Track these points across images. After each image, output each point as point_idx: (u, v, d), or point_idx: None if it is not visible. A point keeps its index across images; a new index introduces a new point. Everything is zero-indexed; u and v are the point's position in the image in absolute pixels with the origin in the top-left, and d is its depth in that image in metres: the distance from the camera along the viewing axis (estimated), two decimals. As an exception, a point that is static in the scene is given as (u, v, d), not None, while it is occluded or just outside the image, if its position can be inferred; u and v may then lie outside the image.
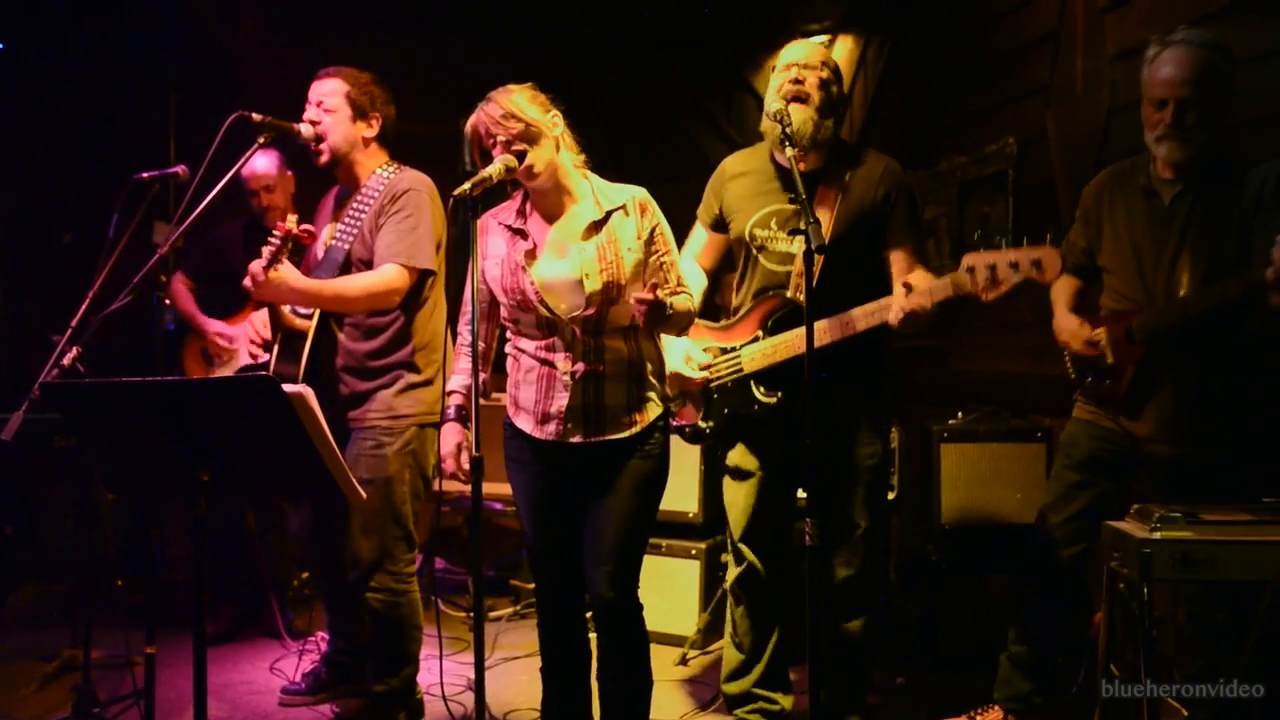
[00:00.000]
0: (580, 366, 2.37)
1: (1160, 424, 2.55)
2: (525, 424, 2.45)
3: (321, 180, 3.12)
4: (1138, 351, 2.53)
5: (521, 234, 2.42)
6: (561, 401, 2.38)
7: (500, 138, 2.31)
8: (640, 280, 2.40)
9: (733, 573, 2.94)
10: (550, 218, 2.45)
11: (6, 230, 5.17)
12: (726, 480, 2.92)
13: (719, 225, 2.89)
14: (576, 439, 2.40)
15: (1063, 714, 2.91)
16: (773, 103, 2.57)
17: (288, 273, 2.63)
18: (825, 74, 2.69)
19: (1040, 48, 3.92)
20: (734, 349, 2.81)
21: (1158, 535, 2.05)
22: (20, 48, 5.12)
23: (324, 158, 2.89)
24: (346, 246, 2.84)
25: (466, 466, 2.44)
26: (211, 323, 3.86)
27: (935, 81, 4.76)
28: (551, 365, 2.40)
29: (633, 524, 2.42)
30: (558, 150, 2.39)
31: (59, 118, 5.21)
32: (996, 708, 2.83)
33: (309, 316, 2.86)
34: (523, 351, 2.46)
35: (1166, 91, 2.45)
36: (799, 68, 2.67)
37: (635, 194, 2.46)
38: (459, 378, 2.55)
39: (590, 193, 2.44)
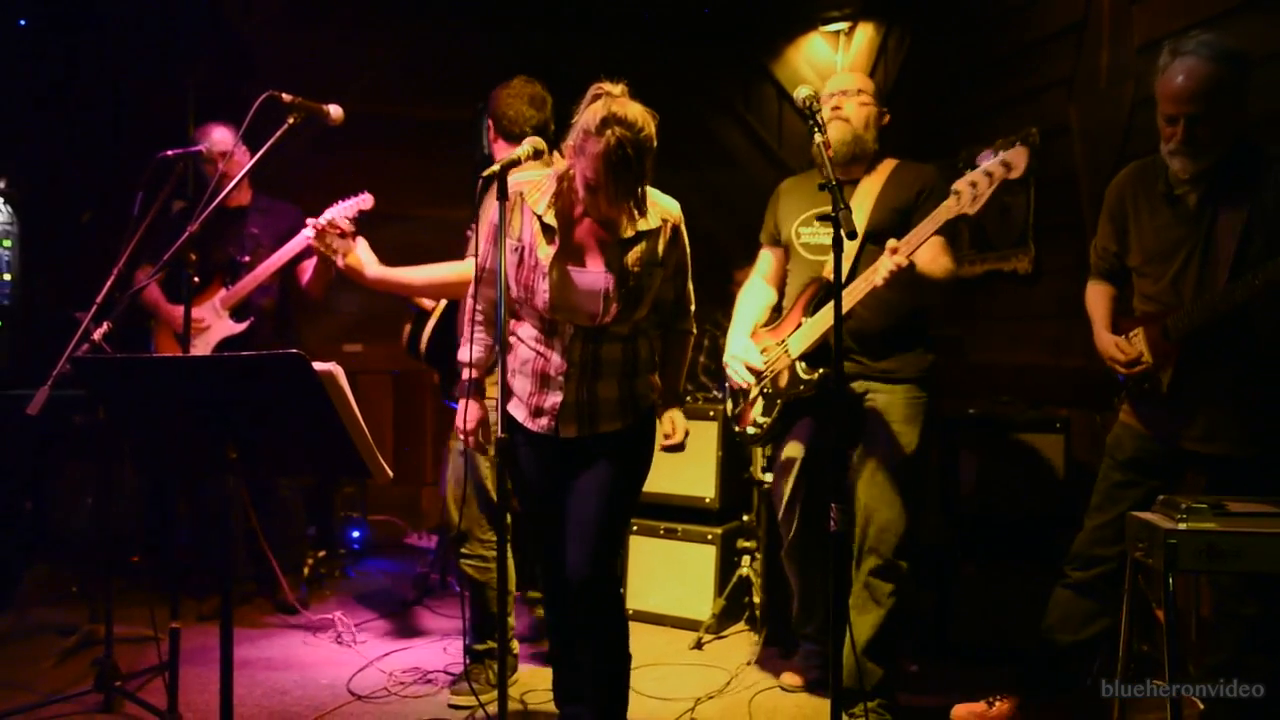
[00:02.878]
0: (576, 367, 2.36)
1: (1199, 422, 2.52)
2: (518, 412, 2.45)
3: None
4: (1173, 350, 2.51)
5: (550, 231, 2.33)
6: (555, 399, 2.38)
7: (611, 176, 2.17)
8: (651, 302, 2.39)
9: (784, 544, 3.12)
10: (586, 216, 2.36)
11: (23, 210, 5.17)
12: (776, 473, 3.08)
13: (776, 240, 3.13)
14: (569, 434, 2.40)
15: (1079, 704, 2.92)
16: (801, 90, 2.57)
17: (355, 261, 2.95)
18: (864, 97, 2.93)
19: (1065, 38, 3.90)
20: (783, 341, 2.98)
21: (1183, 526, 2.06)
22: (37, 25, 5.11)
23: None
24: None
25: (484, 440, 2.52)
26: (175, 309, 3.81)
27: (956, 71, 4.74)
28: (547, 360, 2.38)
29: (615, 504, 2.42)
30: None
31: (75, 97, 5.20)
32: (1013, 695, 2.83)
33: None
34: (520, 340, 2.44)
35: (1176, 108, 2.42)
36: (839, 95, 2.94)
37: (669, 215, 2.39)
38: (471, 349, 2.49)
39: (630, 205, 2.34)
